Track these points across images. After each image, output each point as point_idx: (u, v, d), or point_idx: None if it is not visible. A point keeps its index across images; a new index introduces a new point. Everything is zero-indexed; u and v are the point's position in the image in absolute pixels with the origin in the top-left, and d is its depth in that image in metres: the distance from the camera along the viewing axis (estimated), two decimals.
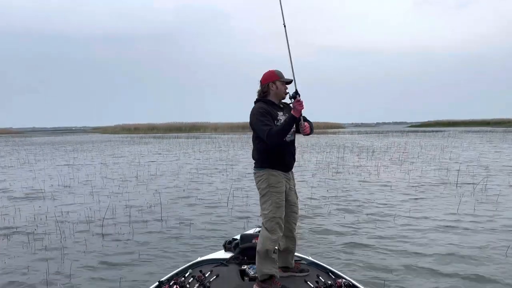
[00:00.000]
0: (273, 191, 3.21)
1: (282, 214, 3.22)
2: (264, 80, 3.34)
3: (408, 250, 5.48)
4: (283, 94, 3.35)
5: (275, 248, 3.22)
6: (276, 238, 3.19)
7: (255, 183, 3.36)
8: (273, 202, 3.19)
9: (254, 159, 3.35)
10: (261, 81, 3.36)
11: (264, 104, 3.29)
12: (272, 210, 3.19)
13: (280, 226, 3.20)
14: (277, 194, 3.21)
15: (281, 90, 3.33)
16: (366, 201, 8.79)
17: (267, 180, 3.23)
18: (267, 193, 3.22)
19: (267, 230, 3.20)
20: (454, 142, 29.93)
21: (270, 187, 3.21)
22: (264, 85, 3.32)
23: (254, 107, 3.30)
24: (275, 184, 3.22)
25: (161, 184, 11.61)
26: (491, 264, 4.92)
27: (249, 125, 3.30)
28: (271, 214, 3.19)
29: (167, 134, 62.97)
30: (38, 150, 29.77)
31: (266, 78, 3.33)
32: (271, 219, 3.19)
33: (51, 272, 4.88)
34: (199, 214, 7.83)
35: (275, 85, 3.31)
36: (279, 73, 3.33)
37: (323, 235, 6.25)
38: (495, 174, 12.58)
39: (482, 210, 7.70)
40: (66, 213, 8.00)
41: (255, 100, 3.40)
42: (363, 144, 29.81)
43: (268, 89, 3.32)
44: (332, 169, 14.44)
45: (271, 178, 3.22)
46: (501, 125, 77.29)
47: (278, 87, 3.31)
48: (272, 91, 3.32)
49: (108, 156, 22.02)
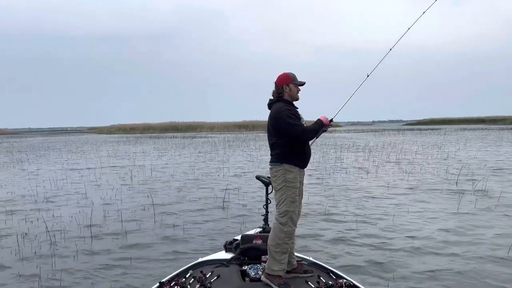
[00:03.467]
0: (289, 186, 3.33)
1: (296, 209, 3.37)
2: (279, 82, 3.50)
3: (409, 249, 5.49)
4: (296, 95, 3.52)
5: (287, 246, 3.31)
6: (287, 230, 3.31)
7: (271, 177, 3.48)
8: (288, 196, 3.32)
9: (272, 153, 3.47)
10: (275, 83, 3.52)
11: (289, 106, 3.45)
12: (286, 204, 3.32)
13: (293, 220, 3.34)
14: (293, 189, 3.34)
15: (294, 92, 3.50)
16: (364, 201, 8.81)
17: (284, 176, 3.35)
18: (283, 188, 3.35)
19: (280, 223, 3.33)
20: (450, 140, 30.04)
21: (287, 182, 3.33)
22: (279, 87, 3.49)
23: (281, 106, 3.41)
24: (291, 180, 3.35)
25: (156, 185, 11.51)
26: (492, 264, 4.93)
27: (272, 121, 3.40)
28: (285, 208, 3.32)
29: (163, 134, 62.82)
30: (32, 151, 29.64)
31: (280, 80, 3.50)
32: (284, 212, 3.33)
33: (43, 277, 4.79)
34: (194, 215, 7.79)
35: (288, 87, 3.47)
36: (292, 75, 3.51)
37: (321, 235, 6.25)
38: (494, 172, 12.63)
39: (482, 208, 7.72)
40: (59, 217, 7.83)
41: (274, 100, 3.53)
42: (359, 142, 29.87)
43: (282, 91, 3.48)
44: (329, 168, 14.46)
45: (288, 174, 3.35)
46: (496, 122, 77.73)
47: (291, 89, 3.48)
48: (286, 93, 3.49)
49: (102, 157, 21.93)
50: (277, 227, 3.31)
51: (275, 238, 3.31)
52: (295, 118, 3.36)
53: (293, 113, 3.38)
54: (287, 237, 3.30)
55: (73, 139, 52.52)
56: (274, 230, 3.34)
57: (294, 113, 3.39)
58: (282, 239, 3.28)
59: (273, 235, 3.34)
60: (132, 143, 37.63)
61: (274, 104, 3.50)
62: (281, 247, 3.28)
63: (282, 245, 3.28)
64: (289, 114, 3.34)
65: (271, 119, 3.43)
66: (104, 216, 7.79)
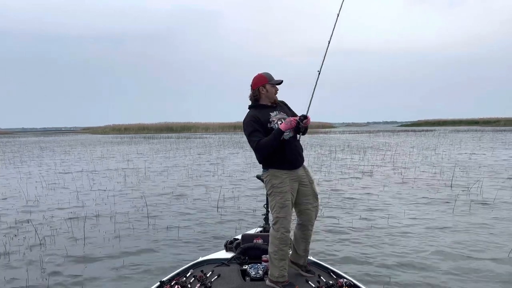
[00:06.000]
0: (276, 192, 3.25)
1: (287, 214, 3.23)
2: (254, 85, 3.35)
3: (407, 249, 5.50)
4: (274, 95, 3.38)
5: (284, 253, 3.23)
6: (280, 236, 3.21)
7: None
8: (277, 202, 3.24)
9: (259, 162, 3.37)
10: (251, 86, 3.38)
11: (255, 111, 3.32)
12: (276, 210, 3.25)
13: (284, 226, 3.21)
14: (280, 194, 3.23)
15: (272, 92, 3.35)
16: (361, 200, 8.84)
17: (271, 181, 3.28)
18: (272, 194, 3.28)
19: (272, 229, 3.27)
20: (445, 141, 30.22)
21: (273, 187, 3.26)
22: (255, 90, 3.34)
23: (245, 118, 3.33)
24: (277, 185, 3.25)
25: (150, 186, 11.41)
26: (492, 263, 4.95)
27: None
28: (275, 214, 3.25)
29: (158, 134, 62.64)
30: (25, 150, 29.43)
31: (255, 82, 3.35)
32: (275, 219, 3.25)
33: (30, 278, 4.69)
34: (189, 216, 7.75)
35: (265, 89, 3.32)
36: (268, 75, 3.35)
37: (320, 235, 6.25)
38: (489, 173, 12.71)
39: (478, 209, 7.77)
40: (50, 217, 7.70)
41: (248, 106, 3.43)
42: (354, 143, 29.96)
43: (259, 93, 3.34)
44: (324, 169, 14.48)
45: (274, 179, 3.27)
46: (489, 124, 78.25)
47: (268, 90, 3.33)
48: (263, 95, 3.34)
49: (95, 158, 21.83)
50: (271, 234, 3.26)
51: (271, 244, 3.25)
52: (257, 130, 3.20)
53: (257, 121, 3.22)
54: (282, 244, 3.20)
55: (67, 139, 52.22)
56: (270, 237, 3.29)
57: (258, 121, 3.23)
58: (277, 245, 3.21)
59: (270, 241, 3.29)
60: (126, 143, 37.46)
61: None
62: (277, 253, 3.21)
63: (279, 252, 3.20)
64: (250, 129, 3.21)
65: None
66: (96, 217, 7.67)
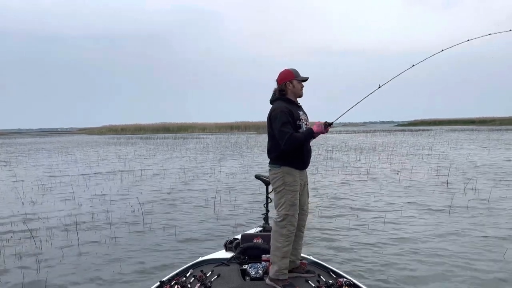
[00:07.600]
0: (289, 189, 3.22)
1: (295, 212, 3.24)
2: (281, 79, 3.36)
3: (406, 249, 5.51)
4: (299, 92, 3.39)
5: (287, 250, 3.22)
6: (286, 233, 3.21)
7: (270, 178, 3.35)
8: (287, 200, 3.21)
9: (269, 156, 3.34)
10: (277, 81, 3.38)
11: (287, 104, 3.30)
12: (285, 207, 3.21)
13: (292, 223, 3.23)
14: (292, 192, 3.22)
15: (298, 88, 3.37)
16: (359, 200, 8.85)
17: (283, 179, 3.23)
18: (282, 191, 3.23)
19: (278, 226, 3.23)
20: (442, 140, 30.30)
21: (285, 185, 3.22)
22: (282, 84, 3.35)
23: (279, 106, 3.26)
24: (291, 183, 3.22)
25: (147, 187, 11.37)
26: (490, 263, 4.96)
27: (269, 122, 3.27)
28: (284, 212, 3.21)
29: (155, 134, 62.49)
30: (20, 151, 29.30)
31: (282, 77, 3.35)
32: (284, 216, 3.21)
33: (26, 282, 4.65)
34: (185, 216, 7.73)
35: (291, 84, 3.34)
36: (295, 71, 3.36)
37: (319, 235, 6.25)
38: (484, 172, 12.76)
39: (474, 210, 7.78)
40: (46, 219, 7.64)
41: (274, 98, 3.40)
42: (351, 143, 29.99)
43: (285, 89, 3.34)
44: (321, 169, 14.50)
45: (287, 177, 3.23)
46: (485, 123, 78.52)
47: (295, 86, 3.34)
48: (289, 90, 3.34)
49: (92, 159, 21.76)
50: (276, 231, 3.23)
51: (274, 242, 3.23)
52: (288, 124, 3.17)
53: (290, 113, 3.21)
54: (286, 241, 3.20)
55: (63, 140, 52.01)
56: (273, 234, 3.25)
57: (291, 113, 3.22)
58: (281, 242, 3.19)
59: (272, 239, 3.26)
60: (123, 144, 37.37)
61: (275, 102, 3.35)
62: (280, 251, 3.19)
63: (282, 249, 3.19)
64: (284, 119, 3.17)
65: (269, 119, 3.28)
66: (92, 219, 7.62)
